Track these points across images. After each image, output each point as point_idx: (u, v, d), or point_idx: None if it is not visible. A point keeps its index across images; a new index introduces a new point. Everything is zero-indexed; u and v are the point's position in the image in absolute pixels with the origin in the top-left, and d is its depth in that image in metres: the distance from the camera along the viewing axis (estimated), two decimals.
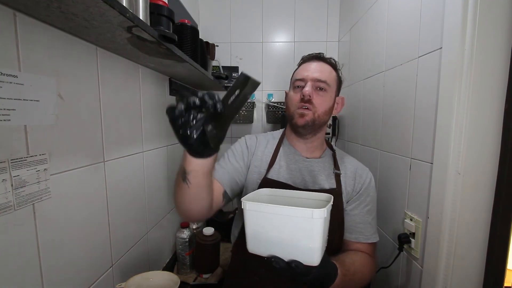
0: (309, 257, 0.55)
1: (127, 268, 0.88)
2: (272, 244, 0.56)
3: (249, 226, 0.58)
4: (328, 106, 0.82)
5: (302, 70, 0.83)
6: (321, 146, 0.90)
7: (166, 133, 1.19)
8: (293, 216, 0.53)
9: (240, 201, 0.58)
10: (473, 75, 0.63)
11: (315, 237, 0.53)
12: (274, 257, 0.55)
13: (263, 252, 0.58)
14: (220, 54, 1.66)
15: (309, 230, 0.53)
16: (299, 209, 0.52)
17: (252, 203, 0.56)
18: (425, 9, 0.79)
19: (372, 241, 0.81)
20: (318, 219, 0.52)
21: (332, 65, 0.85)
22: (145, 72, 0.98)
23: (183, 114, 0.46)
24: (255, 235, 0.58)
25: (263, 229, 0.57)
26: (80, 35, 0.64)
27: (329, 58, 0.85)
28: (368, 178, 0.85)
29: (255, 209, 0.56)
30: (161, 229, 1.15)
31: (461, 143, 0.65)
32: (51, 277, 0.58)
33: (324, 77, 0.80)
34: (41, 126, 0.55)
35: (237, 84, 0.49)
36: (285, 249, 0.55)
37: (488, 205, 0.66)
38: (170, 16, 0.76)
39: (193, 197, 0.64)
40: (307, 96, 0.78)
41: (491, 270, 0.66)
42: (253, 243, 0.59)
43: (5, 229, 0.48)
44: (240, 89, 0.49)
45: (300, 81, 0.82)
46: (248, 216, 0.57)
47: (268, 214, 0.55)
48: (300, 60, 0.89)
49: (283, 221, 0.54)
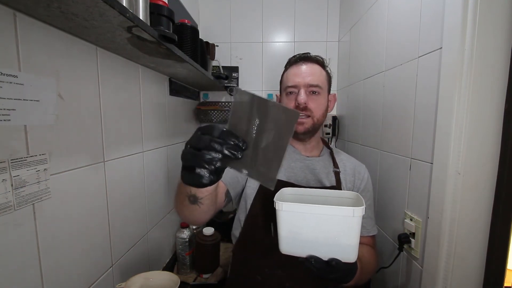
0: (347, 254, 0.56)
1: (127, 268, 0.88)
2: (308, 244, 0.56)
3: (283, 227, 0.57)
4: (324, 107, 0.84)
5: (293, 76, 0.82)
6: (318, 144, 0.91)
7: (166, 133, 1.19)
8: (333, 215, 0.54)
9: (274, 201, 0.56)
10: (473, 75, 0.63)
11: (354, 234, 0.54)
12: (313, 257, 0.55)
13: (299, 252, 0.58)
14: (220, 54, 1.66)
15: (349, 228, 0.54)
16: (340, 208, 0.53)
17: (289, 203, 0.56)
18: (425, 9, 0.79)
19: (373, 233, 0.84)
20: (358, 217, 0.53)
21: (320, 64, 0.85)
22: (145, 72, 0.98)
23: (204, 158, 0.42)
24: (291, 236, 0.57)
25: (299, 230, 0.56)
26: (80, 35, 0.64)
27: (315, 56, 0.85)
28: (366, 174, 0.88)
29: (291, 209, 0.56)
30: (161, 229, 1.15)
31: (461, 143, 0.65)
32: (51, 277, 0.58)
33: (315, 80, 0.80)
34: (41, 126, 0.55)
35: (245, 108, 0.42)
36: (322, 248, 0.56)
37: (488, 205, 0.66)
38: (170, 16, 0.76)
39: (204, 211, 0.61)
40: (303, 104, 0.78)
41: (491, 270, 0.66)
42: (287, 244, 0.59)
43: (5, 229, 0.48)
44: (256, 114, 0.42)
45: (293, 87, 0.82)
46: (283, 216, 0.57)
47: (305, 214, 0.55)
48: (287, 63, 0.89)
49: (321, 220, 0.54)
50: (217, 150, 0.41)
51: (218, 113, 1.62)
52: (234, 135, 0.43)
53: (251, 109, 0.43)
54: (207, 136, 0.42)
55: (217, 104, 1.69)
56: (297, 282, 0.75)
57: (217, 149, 0.41)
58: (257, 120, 0.43)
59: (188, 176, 0.44)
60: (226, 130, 0.43)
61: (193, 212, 0.60)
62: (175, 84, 1.26)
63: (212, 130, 0.43)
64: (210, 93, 1.74)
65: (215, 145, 0.41)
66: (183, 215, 0.65)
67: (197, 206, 0.57)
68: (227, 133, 0.43)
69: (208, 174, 0.42)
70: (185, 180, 0.45)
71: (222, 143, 0.42)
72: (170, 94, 1.22)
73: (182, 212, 0.63)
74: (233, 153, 0.42)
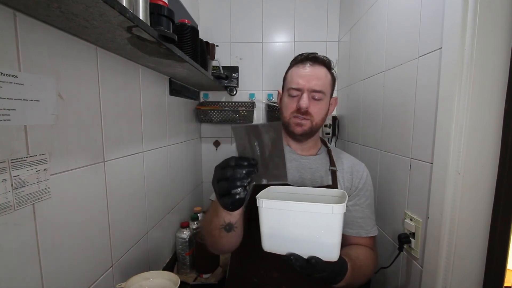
0: (328, 253, 0.54)
1: (127, 268, 0.88)
2: (290, 242, 0.56)
3: (265, 224, 0.57)
4: (325, 112, 0.83)
5: (297, 77, 0.81)
6: (316, 143, 0.90)
7: (166, 133, 1.19)
8: (312, 212, 0.53)
9: (255, 198, 0.58)
10: (473, 75, 0.63)
11: (335, 232, 0.53)
12: (293, 255, 0.55)
13: (280, 250, 0.57)
14: (220, 54, 1.66)
15: (329, 225, 0.53)
16: (319, 205, 0.52)
17: (269, 200, 0.56)
18: (425, 9, 0.79)
19: (373, 234, 0.82)
20: (338, 214, 0.51)
21: (326, 66, 0.83)
22: (145, 72, 0.98)
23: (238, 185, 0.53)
24: (272, 233, 0.57)
25: (280, 227, 0.56)
26: (80, 35, 0.64)
27: (322, 57, 0.83)
28: (365, 173, 0.86)
29: (272, 206, 0.56)
30: (161, 229, 1.15)
31: (461, 143, 0.65)
32: (51, 277, 0.58)
33: (320, 85, 0.79)
34: (41, 126, 0.55)
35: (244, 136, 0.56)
36: (303, 246, 0.55)
37: (488, 205, 0.66)
38: (170, 16, 0.76)
39: (238, 234, 0.69)
40: (304, 109, 0.78)
41: (491, 270, 0.66)
42: (269, 241, 0.58)
43: (5, 229, 0.48)
44: (255, 138, 0.56)
45: (296, 90, 0.80)
46: (264, 214, 0.57)
47: (285, 211, 0.55)
48: (293, 60, 0.86)
49: (302, 217, 0.54)
50: (240, 172, 0.53)
51: (218, 113, 1.62)
52: (245, 158, 0.55)
53: (249, 136, 0.56)
54: (228, 168, 0.54)
55: (217, 104, 1.69)
56: (293, 285, 0.74)
57: (240, 171, 0.53)
58: (256, 141, 0.56)
59: (227, 200, 0.54)
60: (238, 157, 0.56)
61: (230, 240, 0.68)
62: (175, 84, 1.26)
63: (228, 161, 0.55)
64: (210, 93, 1.74)
65: (237, 169, 0.53)
66: (221, 247, 0.72)
67: (234, 232, 0.65)
68: (240, 159, 0.55)
69: (241, 191, 0.54)
70: (225, 204, 0.55)
71: (241, 166, 0.53)
72: (170, 94, 1.22)
73: (221, 244, 0.70)
74: (251, 170, 0.54)
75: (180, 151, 1.38)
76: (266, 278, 0.75)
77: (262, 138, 0.56)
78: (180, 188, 1.39)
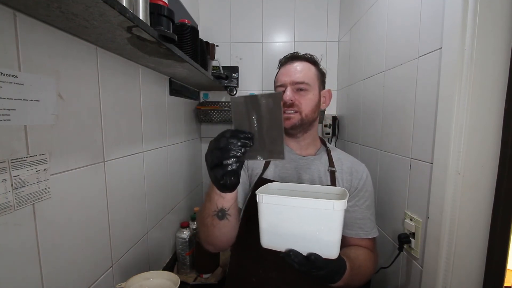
0: (327, 250, 0.53)
1: (127, 268, 0.88)
2: (289, 238, 0.55)
3: (264, 220, 0.56)
4: (314, 103, 0.83)
5: (281, 75, 0.85)
6: (314, 142, 0.90)
7: (166, 133, 1.19)
8: (313, 208, 0.52)
9: (255, 193, 0.56)
10: (473, 75, 0.63)
11: (335, 229, 0.52)
12: (292, 251, 0.54)
13: (279, 246, 0.56)
14: (220, 54, 1.66)
15: (329, 222, 0.52)
16: (320, 201, 0.51)
17: (269, 195, 0.54)
18: (425, 9, 0.79)
19: (372, 236, 0.81)
20: (339, 210, 0.50)
21: (309, 61, 0.86)
22: (145, 72, 0.98)
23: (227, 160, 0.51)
24: (271, 229, 0.56)
25: (280, 223, 0.55)
26: (80, 35, 0.64)
27: (304, 55, 0.86)
28: (365, 174, 0.85)
29: (272, 201, 0.54)
30: (161, 229, 1.15)
31: (461, 143, 0.65)
32: (51, 277, 0.58)
33: (302, 77, 0.81)
34: (41, 126, 0.55)
35: (240, 108, 0.54)
36: (303, 243, 0.54)
37: (488, 205, 0.66)
38: (170, 16, 0.76)
39: (233, 225, 0.66)
40: (289, 101, 0.80)
41: (491, 270, 0.66)
42: (268, 237, 0.57)
43: (5, 229, 0.48)
44: (254, 109, 0.53)
45: (281, 87, 0.84)
46: (264, 209, 0.55)
47: (285, 207, 0.54)
48: (279, 64, 0.90)
49: (302, 213, 0.53)
50: (235, 143, 0.51)
51: (218, 113, 1.62)
52: (241, 131, 0.53)
53: (247, 107, 0.54)
54: (223, 139, 0.52)
55: (217, 104, 1.69)
56: (292, 285, 0.74)
57: (234, 143, 0.51)
58: (254, 113, 0.54)
59: (218, 172, 0.52)
60: (234, 130, 0.54)
61: (223, 229, 0.65)
62: (175, 84, 1.26)
63: (223, 133, 0.53)
64: (210, 93, 1.74)
65: (232, 140, 0.52)
66: (213, 239, 0.68)
67: (227, 221, 0.62)
68: (236, 132, 0.53)
69: (234, 163, 0.51)
70: (217, 176, 0.53)
71: (236, 137, 0.52)
72: (170, 94, 1.22)
73: (213, 235, 0.66)
74: (246, 142, 0.52)
75: (180, 151, 1.38)
76: (265, 278, 0.75)
77: (260, 110, 0.53)
78: (180, 188, 1.39)
